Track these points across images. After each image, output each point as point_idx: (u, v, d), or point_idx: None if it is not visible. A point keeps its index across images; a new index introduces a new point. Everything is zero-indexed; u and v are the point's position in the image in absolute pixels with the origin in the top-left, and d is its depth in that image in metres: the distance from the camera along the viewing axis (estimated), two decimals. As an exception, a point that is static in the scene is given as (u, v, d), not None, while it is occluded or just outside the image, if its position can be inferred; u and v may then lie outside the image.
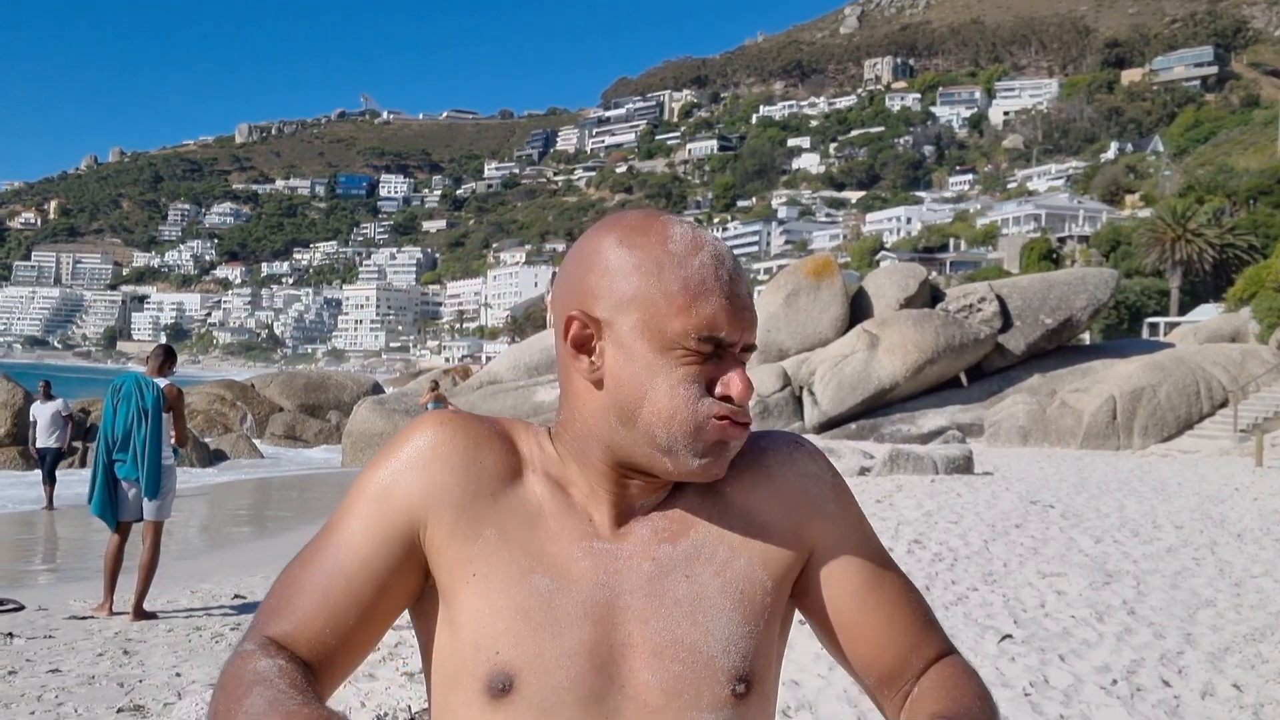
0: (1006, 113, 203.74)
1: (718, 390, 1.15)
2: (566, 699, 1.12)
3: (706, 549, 1.20)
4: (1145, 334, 45.86)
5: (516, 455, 1.22)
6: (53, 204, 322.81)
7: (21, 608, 7.93)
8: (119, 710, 5.23)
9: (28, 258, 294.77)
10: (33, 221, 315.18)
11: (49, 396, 16.00)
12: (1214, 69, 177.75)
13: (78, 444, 17.19)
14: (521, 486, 1.20)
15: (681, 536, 1.20)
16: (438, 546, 1.17)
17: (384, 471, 1.19)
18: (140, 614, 7.54)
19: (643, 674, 1.14)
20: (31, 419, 15.67)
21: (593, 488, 1.20)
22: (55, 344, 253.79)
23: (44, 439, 15.52)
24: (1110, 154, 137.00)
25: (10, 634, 6.99)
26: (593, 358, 1.16)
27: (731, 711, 1.15)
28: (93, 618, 7.62)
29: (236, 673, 1.09)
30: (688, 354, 1.13)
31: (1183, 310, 49.95)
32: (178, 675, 5.97)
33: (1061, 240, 74.67)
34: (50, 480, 15.15)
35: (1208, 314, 43.12)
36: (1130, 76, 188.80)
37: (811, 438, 23.98)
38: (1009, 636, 6.23)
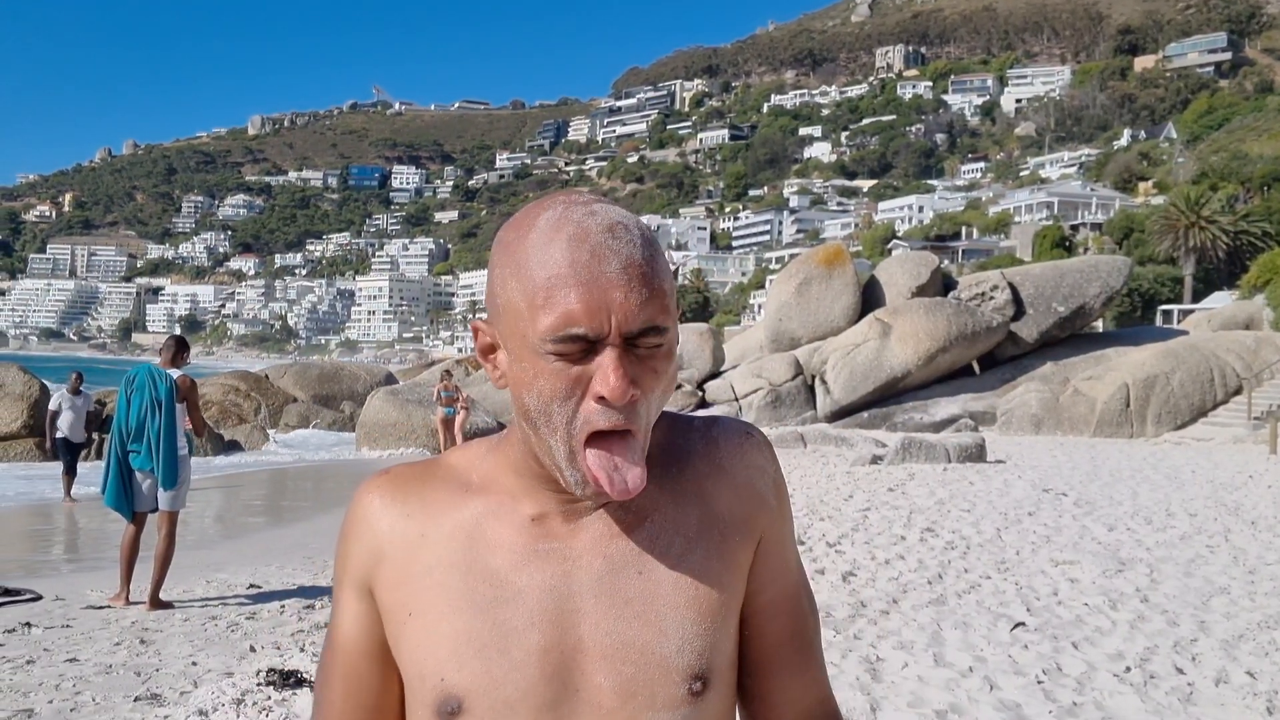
0: (1019, 100, 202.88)
1: (592, 390, 1.04)
2: (519, 711, 1.11)
3: (661, 542, 1.16)
4: (1159, 322, 45.69)
5: (450, 485, 1.20)
6: (68, 197, 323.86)
7: (39, 597, 7.98)
8: (136, 699, 5.26)
9: (43, 251, 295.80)
10: (48, 214, 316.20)
11: (78, 391, 15.96)
12: (1227, 55, 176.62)
13: (94, 435, 17.24)
14: (457, 511, 1.18)
15: (635, 529, 1.16)
16: (380, 601, 1.18)
17: (340, 553, 1.23)
18: (156, 603, 7.58)
19: (595, 677, 1.12)
20: (57, 408, 15.62)
21: (541, 488, 1.15)
22: (71, 336, 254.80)
23: (77, 433, 15.55)
24: (1123, 141, 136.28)
25: (28, 623, 7.04)
26: (495, 364, 1.12)
27: (689, 710, 1.13)
28: (109, 607, 7.66)
29: None
30: (556, 358, 1.04)
31: (1196, 298, 49.77)
32: (194, 664, 6.00)
33: (1074, 228, 74.39)
34: (71, 472, 15.22)
35: (1221, 301, 42.97)
36: (1143, 63, 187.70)
37: (824, 426, 23.86)
38: (1022, 624, 6.23)
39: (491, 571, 1.14)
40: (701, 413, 26.36)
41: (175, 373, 7.85)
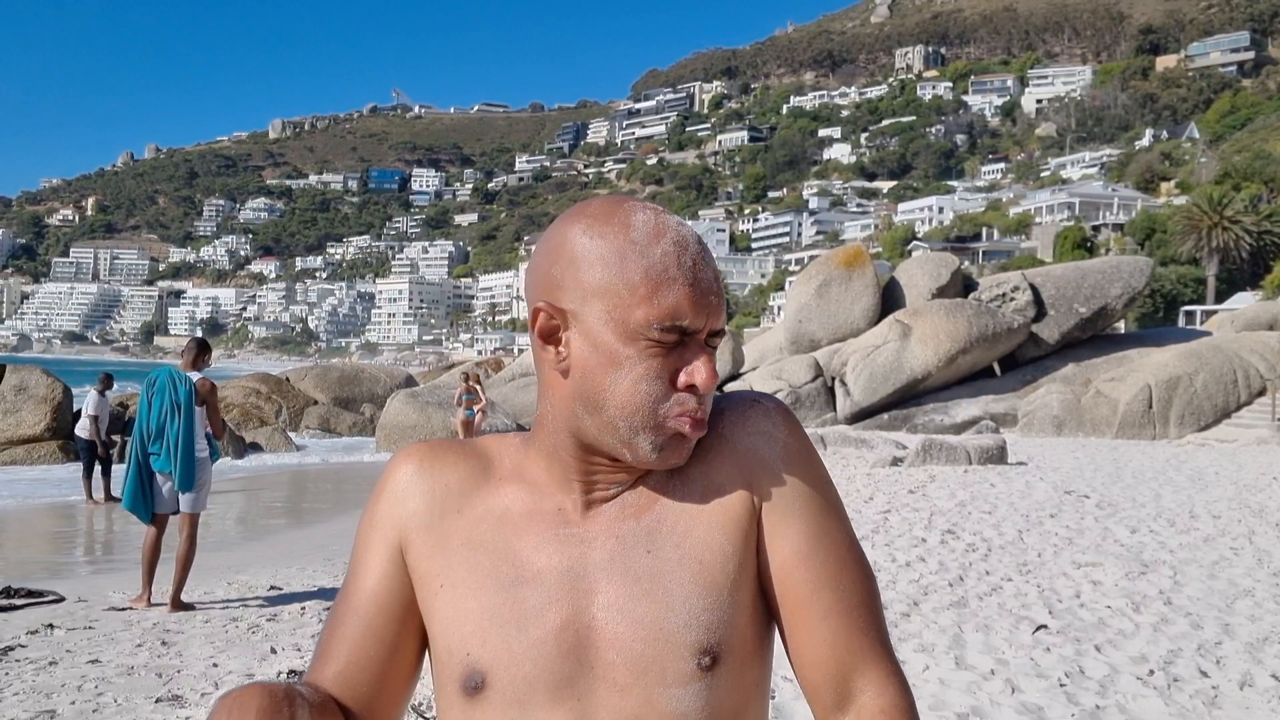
0: (1039, 100, 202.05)
1: (681, 380, 1.15)
2: (538, 687, 1.16)
3: (668, 521, 1.20)
4: (1181, 322, 45.40)
5: (486, 468, 1.27)
6: (90, 201, 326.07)
7: (62, 599, 8.02)
8: (157, 700, 5.28)
9: (66, 254, 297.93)
10: (71, 218, 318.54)
11: (102, 394, 16.06)
12: (1250, 54, 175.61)
13: (116, 437, 17.35)
14: (490, 496, 1.25)
15: (645, 511, 1.21)
16: (413, 567, 1.24)
17: (370, 511, 1.28)
18: (178, 605, 7.61)
19: (608, 654, 1.16)
20: (94, 412, 15.68)
21: (563, 479, 1.22)
22: (94, 339, 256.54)
23: (105, 432, 15.65)
24: (1145, 141, 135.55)
25: (51, 625, 7.08)
26: (559, 348, 1.18)
27: (700, 685, 1.15)
28: (131, 609, 7.69)
29: None
30: (651, 344, 1.14)
31: (1219, 298, 49.48)
32: (215, 666, 6.02)
33: (1096, 229, 74.10)
34: (105, 473, 15.30)
35: (1245, 301, 42.72)
36: (1165, 63, 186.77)
37: (844, 428, 23.77)
38: (1044, 627, 6.20)
39: (514, 553, 1.20)
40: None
41: (195, 376, 7.88)
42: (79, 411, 18.05)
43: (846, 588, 1.21)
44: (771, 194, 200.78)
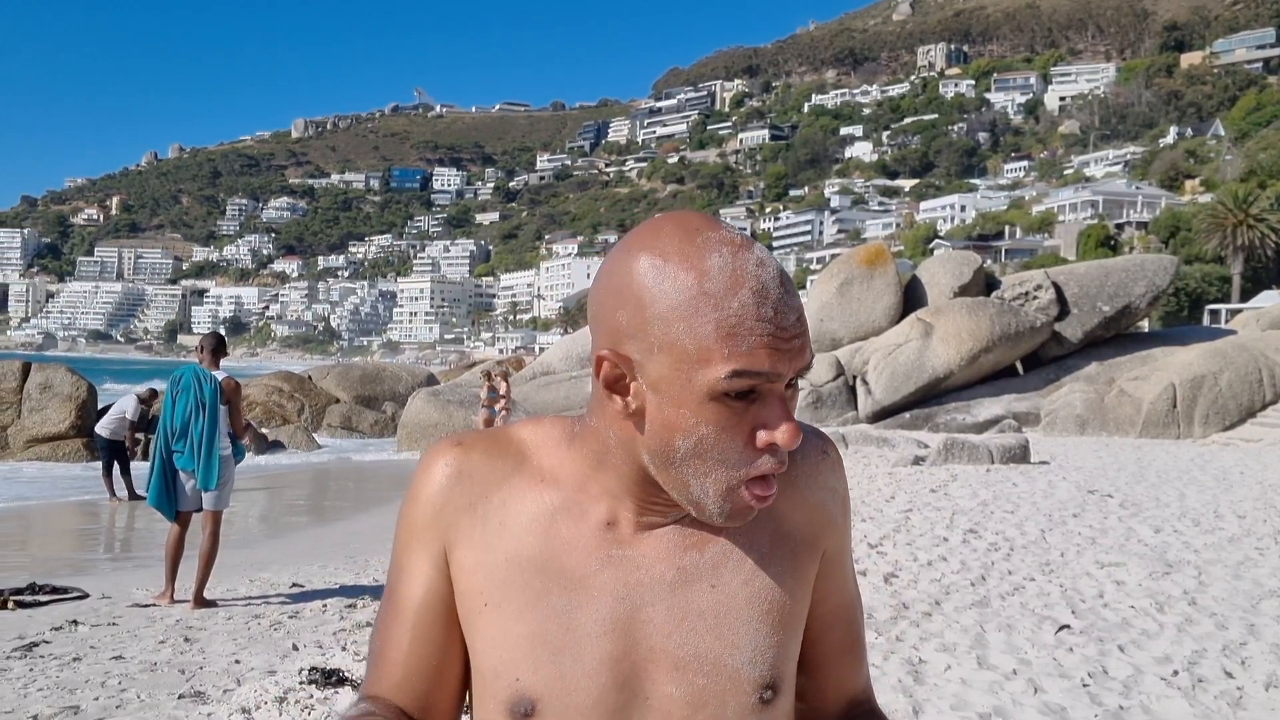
0: (1063, 98, 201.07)
1: (761, 439, 1.06)
2: (591, 716, 1.13)
3: (734, 557, 1.17)
4: (1206, 321, 45.13)
5: (521, 464, 1.20)
6: (115, 200, 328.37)
7: (86, 595, 8.07)
8: (180, 696, 5.31)
9: (91, 253, 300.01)
10: (95, 218, 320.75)
11: (144, 402, 16.51)
12: (1276, 51, 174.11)
13: (140, 435, 17.46)
14: (533, 504, 1.18)
15: (708, 543, 1.17)
16: (456, 581, 1.20)
17: (407, 515, 1.23)
18: (200, 602, 7.65)
19: (666, 687, 1.14)
20: (133, 418, 15.98)
21: (615, 491, 1.16)
22: (118, 338, 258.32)
23: (118, 433, 15.85)
24: (1169, 139, 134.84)
25: (75, 621, 7.12)
26: (627, 398, 1.09)
27: (758, 717, 1.16)
28: (154, 605, 7.73)
29: None
30: (725, 404, 1.04)
31: (1245, 297, 49.14)
32: (237, 662, 6.05)
33: (1120, 227, 73.75)
34: (125, 471, 15.44)
35: (1270, 300, 42.37)
36: (1190, 60, 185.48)
37: (866, 427, 23.74)
38: (1066, 627, 6.16)
39: (565, 573, 1.15)
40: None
41: (220, 374, 7.92)
42: (103, 409, 18.18)
43: (861, 629, 1.35)
44: (793, 192, 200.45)
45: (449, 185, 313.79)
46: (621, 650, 1.14)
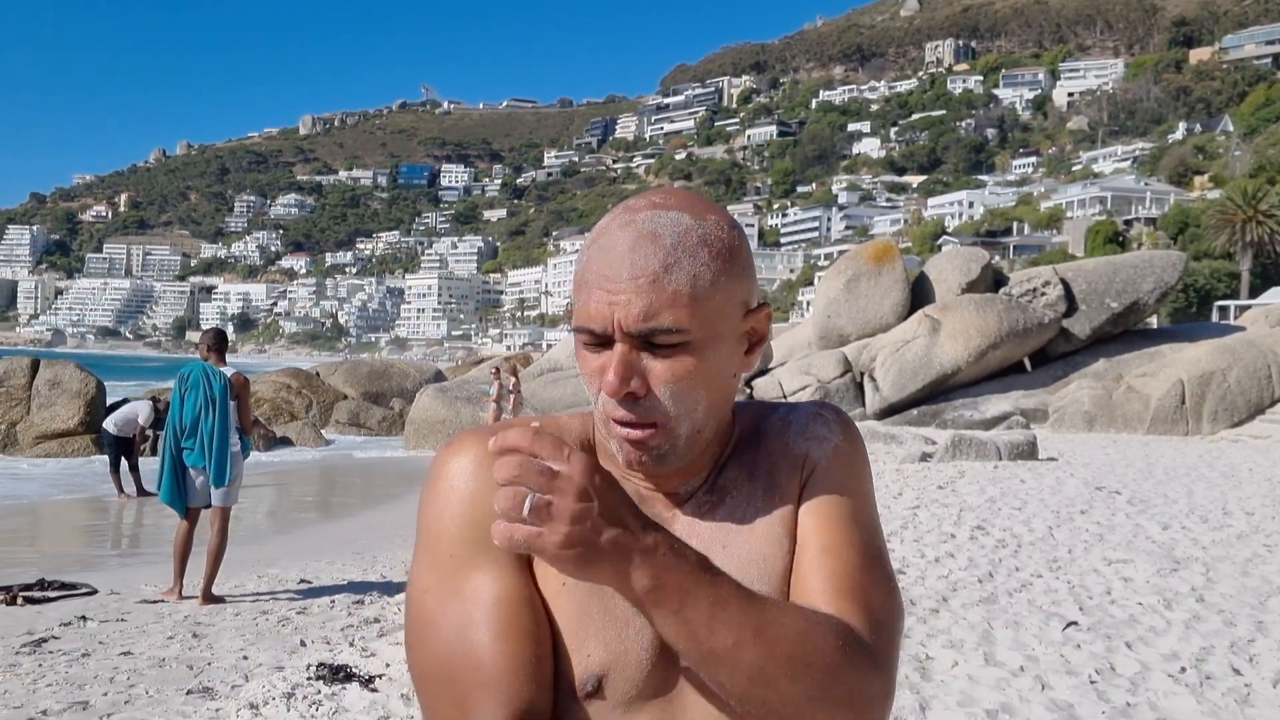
0: (1071, 94, 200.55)
1: (597, 384, 1.14)
2: (641, 689, 1.15)
3: (736, 517, 1.21)
4: (1215, 318, 44.97)
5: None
6: (123, 197, 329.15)
7: (95, 592, 8.10)
8: (188, 692, 5.33)
9: (99, 250, 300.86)
10: (104, 214, 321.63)
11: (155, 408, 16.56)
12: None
13: (150, 431, 17.50)
14: None
15: (718, 508, 1.22)
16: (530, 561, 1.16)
17: (445, 525, 1.16)
18: (209, 598, 7.67)
19: None
20: (144, 423, 15.99)
21: (630, 472, 1.20)
22: (127, 334, 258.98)
23: (127, 430, 15.88)
24: (1178, 135, 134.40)
25: (84, 617, 7.15)
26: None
27: None
28: (163, 601, 7.76)
29: None
30: (584, 351, 1.14)
31: (1253, 293, 48.98)
32: (245, 658, 6.07)
33: (1128, 223, 73.57)
34: (133, 468, 15.48)
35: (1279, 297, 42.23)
36: (1199, 55, 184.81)
37: (873, 423, 23.71)
38: (1074, 624, 6.16)
39: None
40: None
41: (229, 370, 7.94)
42: (112, 406, 18.22)
43: (853, 583, 1.17)
44: (800, 189, 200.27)
45: (456, 182, 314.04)
46: None
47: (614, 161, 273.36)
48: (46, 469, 18.88)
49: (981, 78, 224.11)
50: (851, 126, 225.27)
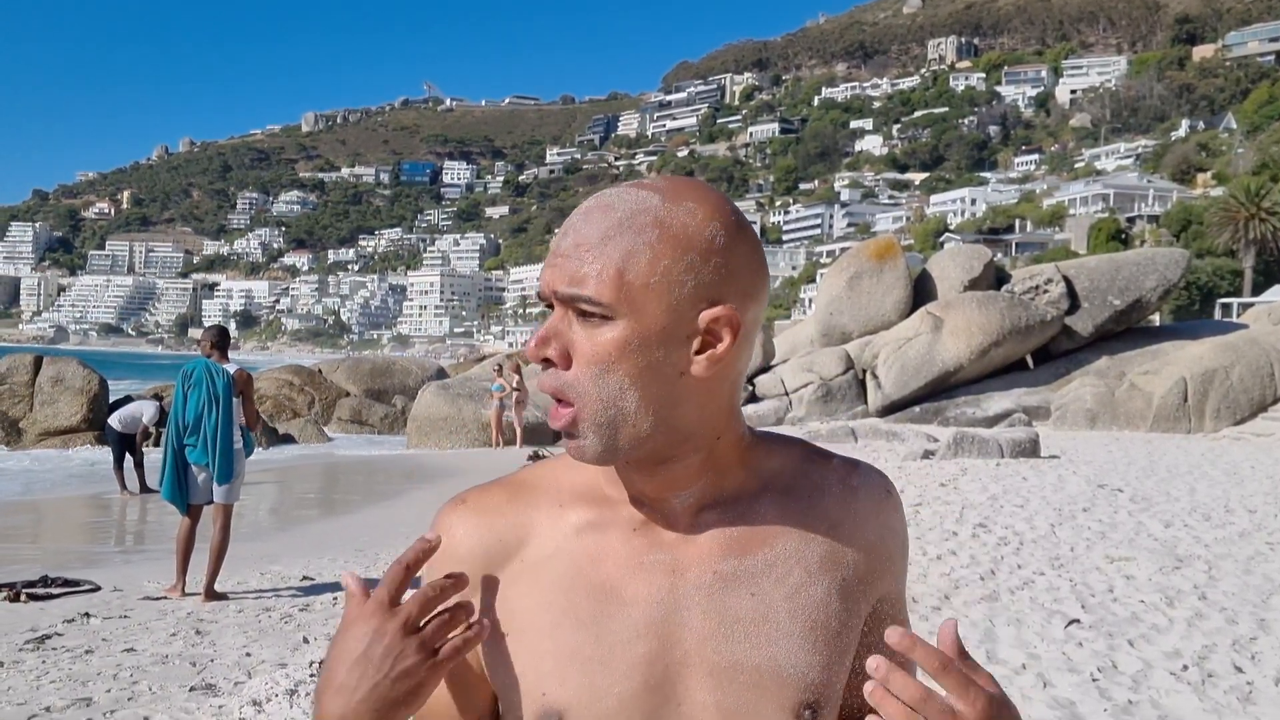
0: (1074, 91, 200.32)
1: None
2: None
3: (779, 568, 1.14)
4: (1218, 315, 44.92)
5: (541, 506, 1.18)
6: (126, 194, 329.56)
7: (98, 588, 8.10)
8: (191, 689, 5.34)
9: (102, 247, 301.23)
10: (107, 211, 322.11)
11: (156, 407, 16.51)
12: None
13: (153, 428, 17.51)
14: (554, 531, 1.16)
15: (752, 551, 1.14)
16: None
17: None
18: (211, 595, 7.68)
19: (699, 694, 1.11)
20: (147, 423, 15.93)
21: (635, 490, 1.14)
22: (129, 331, 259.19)
23: (130, 427, 15.86)
24: (1181, 132, 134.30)
25: (87, 614, 7.16)
26: None
27: None
28: (166, 598, 7.77)
29: None
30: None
31: (1256, 291, 48.93)
32: (248, 655, 6.07)
33: (1131, 220, 73.48)
34: (138, 465, 15.47)
35: (1283, 294, 42.18)
36: (1202, 53, 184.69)
37: (875, 421, 23.70)
38: (1076, 621, 6.16)
39: (598, 584, 1.13)
40: (749, 408, 26.24)
41: (232, 367, 7.94)
42: (115, 403, 18.22)
43: None
44: (803, 186, 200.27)
45: (459, 179, 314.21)
46: (654, 653, 1.10)
47: (616, 159, 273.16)
48: (49, 465, 18.89)
49: (984, 75, 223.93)
50: (854, 124, 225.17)
